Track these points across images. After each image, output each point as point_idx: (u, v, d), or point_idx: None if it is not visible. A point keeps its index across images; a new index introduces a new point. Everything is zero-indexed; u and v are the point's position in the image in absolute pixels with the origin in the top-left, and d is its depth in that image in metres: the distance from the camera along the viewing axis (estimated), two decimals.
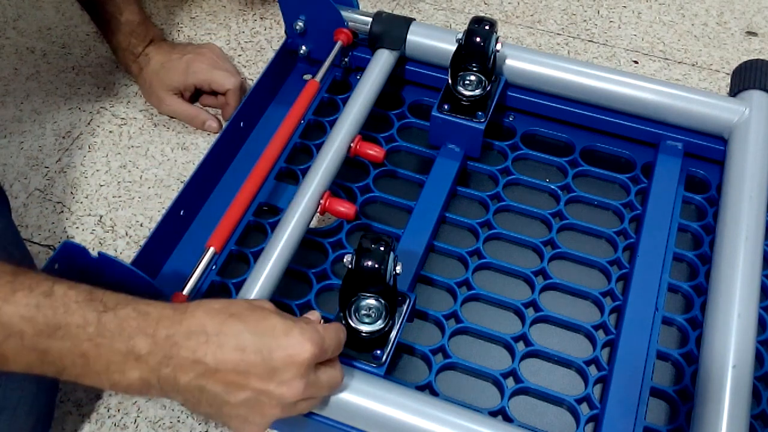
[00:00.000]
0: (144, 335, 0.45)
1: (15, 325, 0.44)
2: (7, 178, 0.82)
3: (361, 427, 0.56)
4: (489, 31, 0.72)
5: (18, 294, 0.44)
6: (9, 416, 0.54)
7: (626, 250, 0.72)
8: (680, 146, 0.77)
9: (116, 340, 0.45)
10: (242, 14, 1.01)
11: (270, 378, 0.46)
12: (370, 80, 0.77)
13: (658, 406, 0.63)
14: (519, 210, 0.75)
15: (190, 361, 0.46)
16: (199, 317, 0.47)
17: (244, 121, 0.80)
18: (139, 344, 0.45)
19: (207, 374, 0.46)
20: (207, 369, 0.46)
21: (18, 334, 0.44)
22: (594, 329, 0.66)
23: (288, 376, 0.47)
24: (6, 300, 0.44)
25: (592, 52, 0.96)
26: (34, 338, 0.44)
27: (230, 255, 0.70)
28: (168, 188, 0.81)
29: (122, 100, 0.90)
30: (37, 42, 0.97)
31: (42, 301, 0.45)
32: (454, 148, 0.77)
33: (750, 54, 0.95)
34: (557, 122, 0.81)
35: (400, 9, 1.01)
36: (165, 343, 0.46)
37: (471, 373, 0.65)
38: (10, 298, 0.44)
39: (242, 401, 0.47)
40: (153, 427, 0.64)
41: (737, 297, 0.62)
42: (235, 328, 0.47)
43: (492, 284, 0.70)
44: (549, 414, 0.63)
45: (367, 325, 0.57)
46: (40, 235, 0.77)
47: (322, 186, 0.69)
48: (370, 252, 0.55)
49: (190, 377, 0.46)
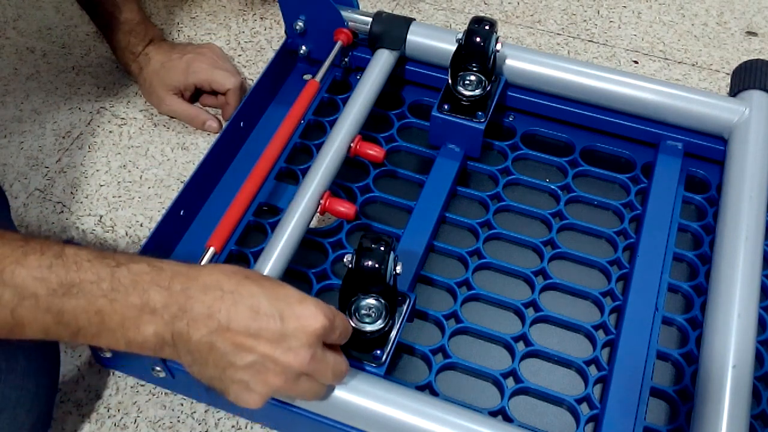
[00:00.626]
0: (159, 288, 0.46)
1: (29, 286, 0.44)
2: (7, 178, 0.82)
3: (361, 427, 0.56)
4: (489, 31, 0.72)
5: (30, 257, 0.45)
6: (9, 415, 0.54)
7: (626, 250, 0.72)
8: (680, 146, 0.77)
9: (131, 294, 0.45)
10: (242, 14, 1.01)
11: (279, 343, 0.47)
12: (370, 80, 0.77)
13: (658, 406, 0.63)
14: (519, 210, 0.75)
15: (204, 316, 0.46)
16: (216, 275, 0.48)
17: (244, 121, 0.80)
18: (154, 297, 0.45)
19: (219, 331, 0.46)
20: (219, 326, 0.46)
21: (32, 295, 0.44)
22: (594, 329, 0.66)
23: (296, 343, 0.47)
24: (19, 263, 0.44)
25: (592, 52, 0.96)
26: (48, 298, 0.44)
27: (230, 255, 0.70)
28: (168, 188, 0.81)
29: (122, 100, 0.90)
30: (37, 42, 0.97)
31: (54, 262, 0.45)
32: (454, 148, 0.77)
33: (750, 54, 0.95)
34: (557, 122, 0.81)
35: (400, 9, 1.01)
36: (180, 296, 0.46)
37: (471, 373, 0.65)
38: (23, 261, 0.44)
39: (248, 364, 0.47)
40: (153, 427, 0.64)
41: (737, 297, 0.62)
42: (251, 290, 0.47)
43: (492, 284, 0.70)
44: (549, 414, 0.63)
45: (367, 324, 0.57)
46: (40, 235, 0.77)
47: (322, 186, 0.69)
48: (371, 252, 0.55)
49: (202, 333, 0.46)
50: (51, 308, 0.44)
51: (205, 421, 0.64)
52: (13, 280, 0.44)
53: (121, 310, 0.45)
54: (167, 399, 0.65)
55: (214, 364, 0.47)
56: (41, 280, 0.44)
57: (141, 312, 0.45)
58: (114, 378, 0.67)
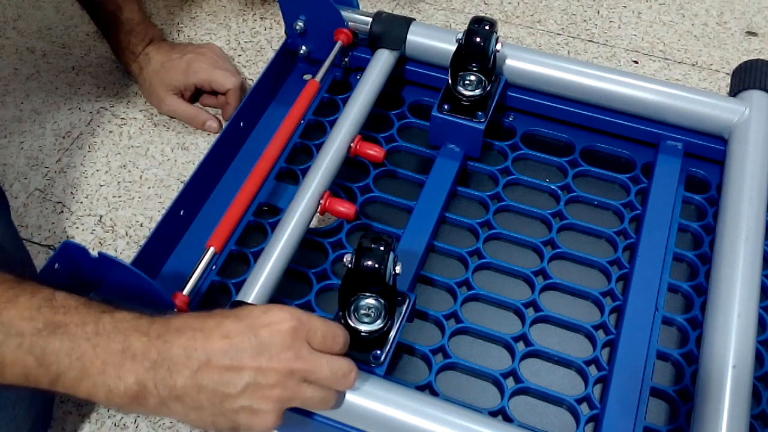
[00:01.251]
0: (139, 333, 0.46)
1: (15, 325, 0.44)
2: (7, 178, 0.82)
3: (361, 427, 0.56)
4: (489, 31, 0.72)
5: (21, 298, 0.45)
6: (8, 414, 0.54)
7: (626, 250, 0.72)
8: (680, 146, 0.77)
9: (112, 338, 0.46)
10: (242, 14, 1.01)
11: (260, 354, 0.47)
12: (370, 80, 0.77)
13: (658, 406, 0.63)
14: (519, 210, 0.75)
15: (183, 358, 0.46)
16: (183, 318, 0.49)
17: (244, 121, 0.80)
18: (135, 343, 0.46)
19: (201, 368, 0.46)
20: (200, 362, 0.46)
21: (18, 334, 0.44)
22: (594, 329, 0.66)
23: (275, 349, 0.47)
24: (9, 302, 0.45)
25: (592, 52, 0.96)
26: (33, 338, 0.44)
27: (230, 255, 0.70)
28: (168, 188, 0.81)
29: (122, 100, 0.90)
30: (37, 42, 0.97)
31: (43, 303, 0.45)
32: (454, 148, 0.77)
33: (750, 54, 0.95)
34: (557, 122, 0.81)
35: (400, 9, 1.01)
36: (158, 342, 0.46)
37: (471, 373, 0.65)
38: (13, 300, 0.45)
39: (241, 389, 0.47)
40: (153, 427, 0.64)
41: (737, 297, 0.62)
42: (216, 321, 0.48)
43: (492, 284, 0.70)
44: (549, 414, 0.63)
45: (367, 324, 0.57)
46: (40, 235, 0.77)
47: (322, 186, 0.69)
48: (370, 251, 0.55)
49: (185, 375, 0.46)
50: (34, 348, 0.44)
51: None
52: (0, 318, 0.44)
53: (102, 355, 0.45)
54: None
55: (210, 402, 0.47)
56: (29, 319, 0.45)
57: (122, 357, 0.46)
58: None
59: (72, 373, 0.45)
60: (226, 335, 0.47)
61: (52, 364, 0.45)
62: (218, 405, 0.47)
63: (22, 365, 0.45)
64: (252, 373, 0.47)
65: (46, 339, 0.44)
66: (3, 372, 0.45)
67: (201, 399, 0.47)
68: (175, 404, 0.47)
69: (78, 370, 0.45)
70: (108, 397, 0.46)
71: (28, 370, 0.45)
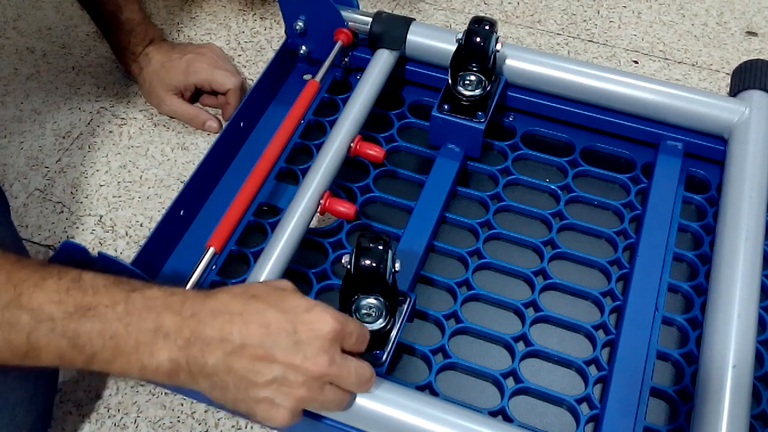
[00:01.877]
0: (171, 312, 0.46)
1: (45, 310, 0.45)
2: (7, 178, 0.82)
3: (361, 427, 0.56)
4: (489, 31, 0.72)
5: (48, 281, 0.45)
6: (8, 415, 0.54)
7: (626, 250, 0.72)
8: (680, 146, 0.77)
9: (144, 318, 0.46)
10: (242, 14, 1.01)
11: (295, 352, 0.47)
12: (370, 80, 0.77)
13: (658, 406, 0.63)
14: (519, 210, 0.75)
15: (217, 340, 0.46)
16: (222, 299, 0.48)
17: (244, 121, 0.80)
18: (167, 322, 0.46)
19: (234, 351, 0.46)
20: (234, 346, 0.46)
21: (49, 318, 0.44)
22: (594, 329, 0.66)
23: (312, 350, 0.47)
24: (37, 286, 0.45)
25: (592, 52, 0.96)
26: (64, 321, 0.45)
27: (230, 255, 0.70)
28: (168, 188, 0.81)
29: (122, 100, 0.90)
30: (37, 42, 0.97)
31: (71, 285, 0.46)
32: (454, 148, 0.77)
33: (750, 54, 0.95)
34: (557, 122, 0.81)
35: (400, 9, 1.01)
36: (191, 321, 0.46)
37: (471, 373, 0.65)
38: (41, 284, 0.45)
39: (269, 380, 0.47)
40: (153, 427, 0.64)
41: (737, 297, 0.62)
42: (258, 307, 0.48)
43: (492, 284, 0.70)
44: (549, 414, 0.63)
45: (368, 324, 0.57)
46: (40, 235, 0.77)
47: (322, 186, 0.69)
48: (369, 251, 0.55)
49: (217, 356, 0.46)
50: (66, 332, 0.45)
51: (205, 421, 0.64)
52: (30, 303, 0.45)
53: (135, 334, 0.46)
54: (167, 399, 0.65)
55: (235, 386, 0.47)
56: (58, 303, 0.45)
57: (155, 336, 0.46)
58: (114, 378, 0.67)
59: (106, 353, 0.46)
60: (266, 325, 0.47)
61: (85, 345, 0.45)
62: (243, 390, 0.47)
63: (56, 348, 0.45)
64: (282, 368, 0.47)
65: (77, 322, 0.45)
66: (38, 356, 0.45)
67: (228, 381, 0.47)
68: (203, 381, 0.47)
69: (111, 350, 0.45)
70: (142, 374, 0.47)
71: (62, 352, 0.45)
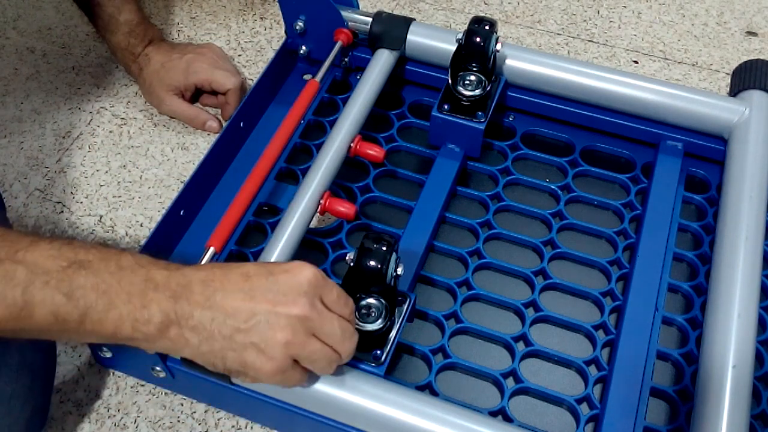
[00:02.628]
0: (158, 268, 0.49)
1: (40, 264, 0.45)
2: (7, 178, 0.82)
3: (361, 427, 0.56)
4: (489, 31, 0.72)
5: (41, 243, 0.47)
6: (4, 409, 0.54)
7: (626, 250, 0.72)
8: (680, 146, 0.77)
9: (135, 272, 0.48)
10: (242, 14, 1.01)
11: (276, 295, 0.48)
12: (370, 80, 0.77)
13: (658, 406, 0.63)
14: (519, 210, 0.75)
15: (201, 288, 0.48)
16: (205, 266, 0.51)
17: (244, 121, 0.80)
18: (156, 275, 0.48)
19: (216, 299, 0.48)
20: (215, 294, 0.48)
21: (44, 272, 0.45)
22: (594, 329, 0.66)
23: (292, 294, 0.49)
24: (31, 244, 0.46)
25: (592, 52, 0.96)
26: (59, 274, 0.46)
27: (230, 255, 0.70)
28: (168, 188, 0.81)
29: (122, 100, 0.90)
30: (37, 42, 0.97)
31: (63, 245, 0.47)
32: (454, 148, 0.77)
33: (750, 54, 0.95)
34: (557, 122, 0.81)
35: (400, 9, 1.01)
36: (177, 273, 0.49)
37: (471, 373, 0.65)
38: (34, 244, 0.46)
39: (252, 325, 0.48)
40: (153, 427, 0.64)
41: (737, 297, 0.62)
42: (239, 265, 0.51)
43: (492, 284, 0.70)
44: (549, 414, 0.63)
45: (367, 324, 0.57)
46: None
47: (322, 186, 0.69)
48: (372, 252, 0.55)
49: (201, 305, 0.48)
50: (61, 285, 0.45)
51: (205, 421, 0.64)
52: (25, 258, 0.45)
53: (127, 287, 0.47)
54: (167, 399, 0.65)
55: (221, 334, 0.48)
56: (53, 257, 0.46)
57: (145, 288, 0.47)
58: (114, 378, 0.67)
59: (99, 306, 0.46)
60: (245, 274, 0.49)
61: (80, 299, 0.46)
62: (228, 338, 0.48)
63: (51, 302, 0.45)
64: (265, 311, 0.48)
65: (72, 275, 0.46)
66: (32, 312, 0.45)
67: (213, 330, 0.48)
68: (191, 335, 0.48)
69: (105, 303, 0.46)
70: (134, 328, 0.47)
71: (57, 307, 0.46)
